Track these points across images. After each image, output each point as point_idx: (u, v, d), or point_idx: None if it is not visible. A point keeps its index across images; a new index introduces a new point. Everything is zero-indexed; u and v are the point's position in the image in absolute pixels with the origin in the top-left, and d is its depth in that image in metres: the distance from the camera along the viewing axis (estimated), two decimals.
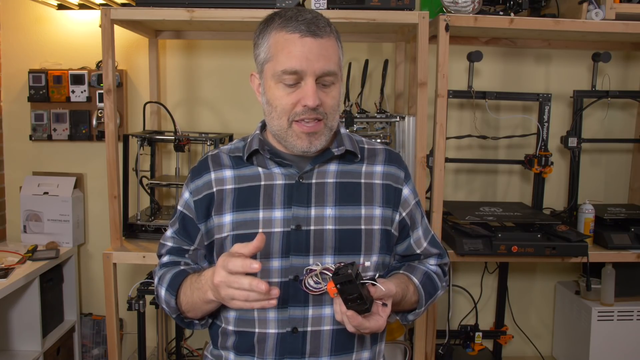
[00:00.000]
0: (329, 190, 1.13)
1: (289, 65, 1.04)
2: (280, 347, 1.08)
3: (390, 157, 1.21)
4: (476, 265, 2.51)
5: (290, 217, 1.10)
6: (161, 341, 2.44)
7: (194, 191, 1.16)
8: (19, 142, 2.46)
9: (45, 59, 2.40)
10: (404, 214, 1.19)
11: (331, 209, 1.11)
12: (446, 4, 1.94)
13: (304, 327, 1.08)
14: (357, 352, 1.12)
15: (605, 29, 2.02)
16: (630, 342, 2.21)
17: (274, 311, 1.08)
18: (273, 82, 1.08)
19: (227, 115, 2.45)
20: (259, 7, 1.87)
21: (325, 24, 1.08)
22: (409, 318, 1.20)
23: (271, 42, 1.08)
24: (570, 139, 2.26)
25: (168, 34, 2.34)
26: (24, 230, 2.39)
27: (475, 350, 2.38)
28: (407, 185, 1.20)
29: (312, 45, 1.05)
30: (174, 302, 1.11)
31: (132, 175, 2.16)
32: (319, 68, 1.05)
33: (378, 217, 1.14)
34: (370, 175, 1.17)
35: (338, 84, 1.11)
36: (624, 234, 2.10)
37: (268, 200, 1.11)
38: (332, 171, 1.15)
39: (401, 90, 2.39)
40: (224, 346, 1.15)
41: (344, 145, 1.15)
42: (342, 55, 1.14)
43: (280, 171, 1.14)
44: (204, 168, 1.18)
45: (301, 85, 1.06)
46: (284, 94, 1.07)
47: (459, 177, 2.51)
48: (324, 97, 1.07)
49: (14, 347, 2.19)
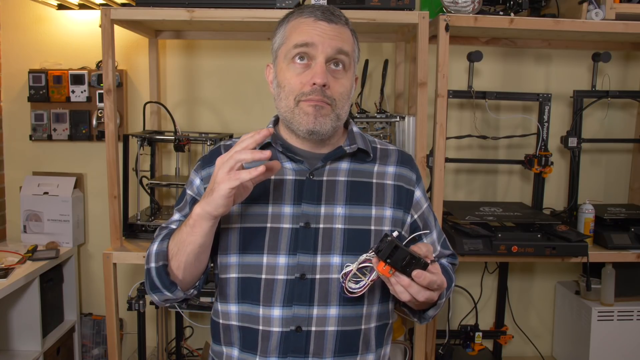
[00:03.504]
0: (339, 189, 1.11)
1: (300, 39, 1.05)
2: (283, 346, 1.06)
3: (402, 158, 1.20)
4: (476, 265, 2.51)
5: (300, 214, 1.09)
6: (161, 341, 2.44)
7: (205, 178, 1.15)
8: (19, 142, 2.46)
9: (45, 59, 2.40)
10: (416, 216, 1.18)
11: (341, 208, 1.10)
12: (446, 4, 1.94)
13: (308, 326, 1.06)
14: (361, 355, 1.10)
15: (605, 29, 2.02)
16: (630, 342, 2.21)
17: (278, 309, 1.06)
18: (285, 63, 1.09)
19: (227, 115, 2.45)
20: (259, 7, 1.87)
21: (341, 14, 1.10)
22: (429, 314, 1.16)
23: (287, 28, 1.10)
24: (570, 139, 2.26)
25: (168, 34, 2.34)
26: (24, 230, 2.39)
27: (475, 350, 2.38)
28: (418, 187, 1.20)
29: (326, 27, 1.06)
30: (165, 245, 1.07)
31: (132, 175, 2.16)
32: (331, 46, 1.05)
33: (389, 218, 1.12)
34: (382, 176, 1.16)
35: (350, 73, 1.10)
36: (624, 234, 2.10)
37: (278, 195, 1.10)
38: (343, 169, 1.14)
39: (401, 90, 2.39)
40: (228, 342, 1.12)
41: (356, 144, 1.14)
42: (357, 51, 1.15)
43: (291, 166, 1.13)
44: (216, 156, 1.15)
45: (312, 66, 1.06)
46: (294, 74, 1.07)
47: (459, 177, 2.51)
48: (334, 82, 1.07)
49: (14, 347, 2.19)
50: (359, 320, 1.10)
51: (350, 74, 1.11)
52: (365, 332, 1.11)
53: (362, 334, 1.10)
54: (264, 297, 1.06)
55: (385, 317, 1.16)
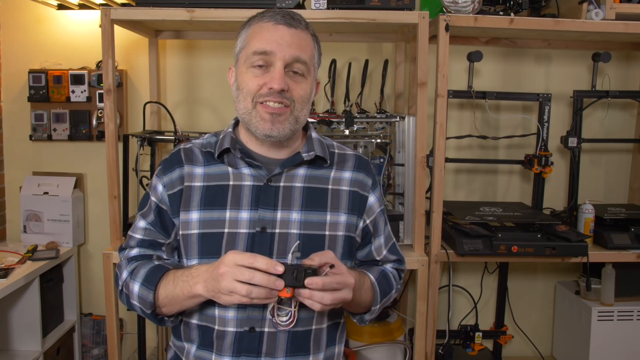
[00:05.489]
0: (296, 195, 1.14)
1: (260, 46, 1.07)
2: (237, 345, 1.10)
3: (360, 163, 1.23)
4: (476, 265, 2.51)
5: (257, 219, 1.11)
6: (161, 341, 2.44)
7: (168, 184, 1.17)
8: (19, 142, 2.46)
9: (45, 59, 2.40)
10: (368, 221, 1.21)
11: (297, 213, 1.12)
12: (446, 4, 1.94)
13: (261, 327, 1.09)
14: (313, 355, 1.13)
15: (605, 29, 2.02)
16: (630, 342, 2.21)
17: (233, 310, 1.09)
18: (244, 67, 1.10)
19: (227, 115, 2.45)
20: (259, 7, 1.87)
21: (301, 19, 1.11)
22: (365, 318, 1.21)
23: (248, 32, 1.12)
24: (570, 139, 2.26)
25: (168, 34, 2.34)
26: (24, 230, 2.39)
27: (475, 350, 2.38)
28: (373, 192, 1.23)
29: (285, 32, 1.08)
30: (151, 296, 1.09)
31: (132, 175, 2.16)
32: (289, 54, 1.07)
33: (343, 223, 1.16)
34: (338, 182, 1.18)
35: (310, 79, 1.12)
36: (624, 234, 2.10)
37: (235, 201, 1.12)
38: (300, 175, 1.16)
39: (401, 90, 2.39)
40: (188, 339, 1.16)
41: (314, 150, 1.17)
42: (318, 55, 1.16)
43: (249, 172, 1.15)
44: (176, 161, 1.19)
45: (270, 70, 1.08)
46: (252, 76, 1.09)
47: (459, 177, 2.51)
48: (293, 85, 1.09)
49: (14, 347, 2.18)
50: (311, 321, 1.13)
51: (310, 79, 1.12)
52: (317, 332, 1.14)
53: (313, 334, 1.13)
54: None
55: (336, 316, 1.20)
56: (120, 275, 1.18)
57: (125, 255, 1.20)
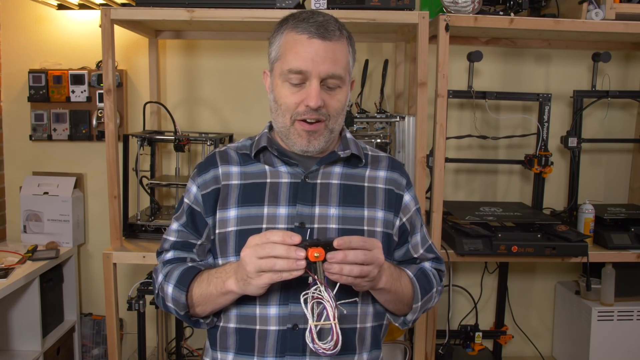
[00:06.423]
0: (333, 191, 1.15)
1: (295, 65, 1.07)
2: (280, 345, 1.08)
3: (393, 164, 1.24)
4: (476, 265, 2.51)
5: (295, 215, 1.11)
6: (161, 341, 2.44)
7: (202, 185, 1.17)
8: (19, 142, 2.46)
9: (45, 59, 2.40)
10: (404, 219, 1.21)
11: (335, 209, 1.13)
12: (446, 4, 1.94)
13: (305, 324, 1.06)
14: (359, 354, 1.12)
15: (605, 29, 2.02)
16: (630, 342, 2.21)
17: (275, 307, 1.08)
18: (280, 80, 1.11)
19: (227, 115, 2.45)
20: (259, 7, 1.87)
21: (335, 27, 1.10)
22: (407, 319, 1.19)
23: (282, 41, 1.11)
24: (570, 139, 2.26)
25: (168, 34, 2.34)
26: (24, 230, 2.39)
27: (475, 350, 2.38)
28: (408, 191, 1.23)
29: (319, 47, 1.07)
30: (184, 298, 1.10)
31: (132, 175, 2.17)
32: (324, 70, 1.07)
33: (380, 219, 1.16)
34: (373, 180, 1.19)
35: (345, 87, 1.13)
36: (624, 234, 2.10)
37: (273, 197, 1.13)
38: (336, 173, 1.17)
39: (401, 90, 2.39)
40: (224, 346, 1.14)
41: (349, 149, 1.18)
42: (352, 58, 1.16)
43: (286, 170, 1.16)
44: (211, 163, 1.19)
45: (306, 86, 1.08)
46: (289, 92, 1.09)
47: (459, 177, 2.51)
48: (329, 99, 1.10)
49: (14, 347, 2.19)
50: (355, 318, 1.12)
51: (345, 88, 1.13)
52: (361, 331, 1.13)
53: (358, 332, 1.12)
54: (260, 297, 1.08)
55: (380, 318, 1.18)
56: (156, 279, 1.19)
57: (161, 259, 1.21)
